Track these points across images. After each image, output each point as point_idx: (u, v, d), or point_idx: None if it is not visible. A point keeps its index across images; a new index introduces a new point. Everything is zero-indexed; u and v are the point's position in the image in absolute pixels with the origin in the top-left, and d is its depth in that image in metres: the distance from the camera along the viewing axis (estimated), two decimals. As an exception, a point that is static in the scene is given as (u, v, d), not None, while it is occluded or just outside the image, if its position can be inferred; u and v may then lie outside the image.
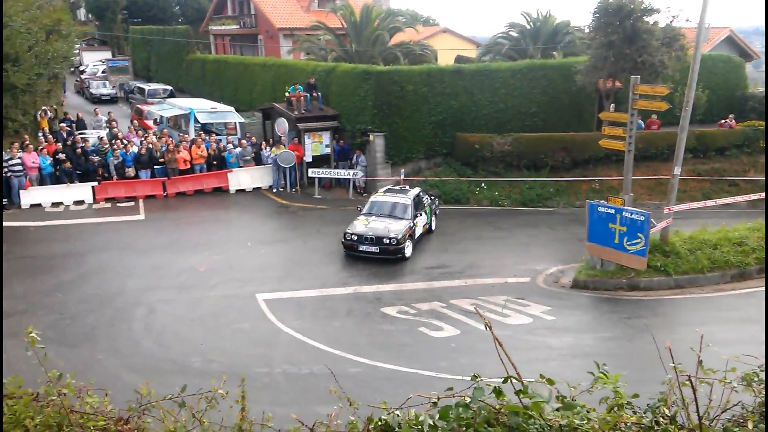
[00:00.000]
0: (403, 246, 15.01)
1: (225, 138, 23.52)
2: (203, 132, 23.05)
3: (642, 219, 12.88)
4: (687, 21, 26.42)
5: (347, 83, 22.55)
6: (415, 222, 15.97)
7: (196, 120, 24.20)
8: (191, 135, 23.13)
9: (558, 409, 2.68)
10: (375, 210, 16.31)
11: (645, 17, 21.16)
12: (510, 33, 32.90)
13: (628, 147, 14.04)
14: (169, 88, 33.37)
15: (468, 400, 2.84)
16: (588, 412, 2.67)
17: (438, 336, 11.04)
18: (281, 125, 22.37)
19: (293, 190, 22.02)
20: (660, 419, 2.59)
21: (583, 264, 14.48)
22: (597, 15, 21.78)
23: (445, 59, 31.57)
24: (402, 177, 21.48)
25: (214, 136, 23.14)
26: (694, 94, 13.74)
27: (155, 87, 33.51)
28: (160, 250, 15.69)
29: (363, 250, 15.05)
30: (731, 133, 23.50)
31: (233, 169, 21.83)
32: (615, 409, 2.70)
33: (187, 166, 21.13)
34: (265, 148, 22.52)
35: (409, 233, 15.44)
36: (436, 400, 2.95)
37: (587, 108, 24.07)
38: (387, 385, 9.01)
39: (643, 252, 12.97)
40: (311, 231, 17.78)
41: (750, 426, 2.61)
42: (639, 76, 14.73)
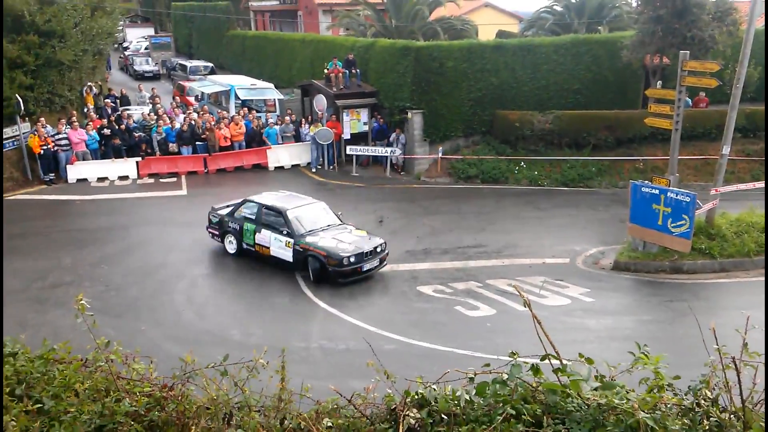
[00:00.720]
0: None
1: (265, 115, 23.72)
2: (242, 108, 23.29)
3: (687, 200, 12.54)
4: (740, -6, 25.29)
5: (386, 59, 22.41)
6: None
7: (236, 96, 24.44)
8: (231, 111, 23.41)
9: (596, 389, 2.66)
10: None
11: (696, -10, 20.35)
12: (554, 7, 32.09)
13: (674, 125, 13.64)
14: (210, 64, 33.74)
15: (505, 376, 2.84)
16: (627, 392, 2.64)
17: (474, 315, 11.03)
18: (320, 102, 22.41)
19: (331, 167, 22.12)
20: (701, 401, 2.55)
21: (625, 246, 14.20)
22: (645, -12, 21.05)
23: (486, 34, 31.00)
24: (440, 155, 21.36)
25: (254, 112, 23.35)
26: (745, 70, 13.20)
27: (196, 64, 33.94)
28: (201, 225, 15.99)
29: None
30: (784, 112, 22.56)
31: (272, 146, 22.03)
32: (655, 390, 2.67)
33: (228, 143, 21.41)
34: (304, 125, 22.63)
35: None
36: (473, 375, 2.96)
37: (633, 85, 23.38)
38: (422, 363, 9.07)
39: (688, 234, 12.65)
40: (348, 208, 17.83)
41: (796, 411, 2.54)
42: (688, 51, 14.22)
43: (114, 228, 15.80)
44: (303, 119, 23.23)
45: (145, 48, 40.98)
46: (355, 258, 12.24)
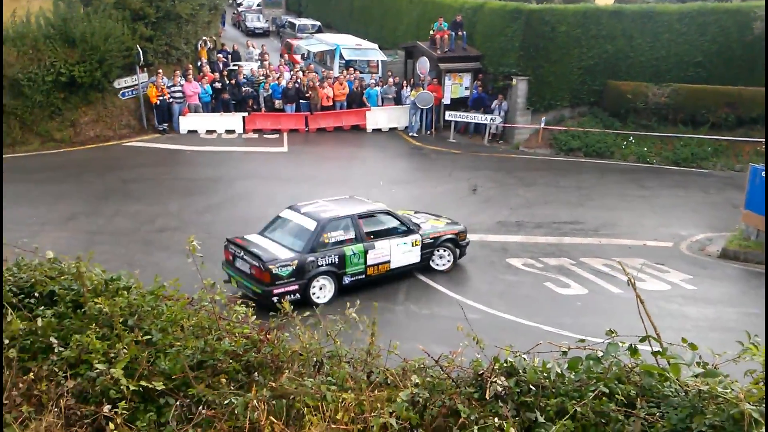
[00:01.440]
0: None
1: (369, 76, 23.79)
2: (346, 69, 23.48)
3: (765, 183, 11.55)
4: None
5: (494, 22, 21.77)
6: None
7: (341, 56, 24.65)
8: (336, 71, 23.66)
9: (697, 375, 2.54)
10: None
11: None
12: (680, -28, 29.81)
13: (807, 106, 12.47)
14: (318, 23, 34.11)
15: (600, 354, 2.78)
16: (731, 382, 2.50)
17: (564, 293, 10.76)
18: (423, 65, 22.17)
19: (428, 132, 21.99)
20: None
21: (736, 233, 13.29)
22: (787, -47, 19.08)
23: None
24: (543, 125, 20.69)
25: (357, 73, 23.48)
26: None
27: (305, 22, 34.40)
28: (299, 181, 16.47)
29: None
30: None
31: (372, 108, 22.15)
32: (762, 383, 2.52)
33: (330, 102, 21.73)
34: (406, 87, 22.54)
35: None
36: (566, 349, 2.91)
37: (762, 60, 21.46)
38: (505, 335, 8.91)
39: (811, 226, 11.66)
40: (443, 174, 17.77)
41: None
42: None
43: (219, 179, 16.59)
44: (405, 82, 23.13)
45: (258, 5, 41.98)
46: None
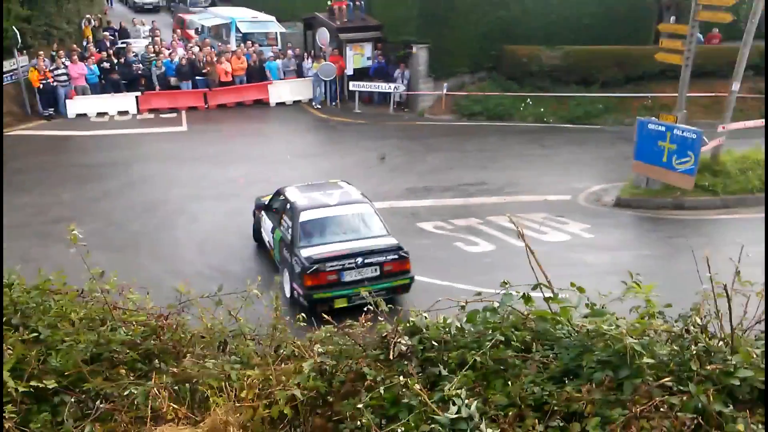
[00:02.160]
0: None
1: (269, 49, 23.16)
2: (244, 42, 22.75)
3: (693, 137, 12.35)
4: None
5: (392, -8, 21.70)
6: None
7: (237, 30, 23.84)
8: (232, 45, 22.88)
9: (586, 316, 2.66)
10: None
11: None
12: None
13: (685, 61, 13.28)
14: (211, -5, 32.81)
15: (496, 305, 2.85)
16: (617, 319, 2.63)
17: (473, 251, 11.07)
18: (323, 36, 21.83)
19: (333, 103, 21.78)
20: (691, 327, 2.54)
21: (628, 183, 14.11)
22: None
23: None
24: (445, 92, 20.97)
25: (256, 46, 22.80)
26: (762, 5, 12.74)
27: (197, -5, 32.98)
28: (201, 161, 15.91)
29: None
30: (799, 49, 21.91)
31: (274, 81, 21.64)
32: (646, 318, 2.66)
33: (229, 78, 21.02)
34: (307, 59, 22.15)
35: None
36: (464, 304, 2.97)
37: (645, 21, 22.60)
38: (422, 296, 9.14)
39: (692, 171, 12.53)
40: (350, 145, 17.70)
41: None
42: (703, -17, 13.69)
43: (114, 164, 15.73)
44: (305, 53, 22.72)
45: (144, -21, 39.73)
46: None
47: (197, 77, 20.86)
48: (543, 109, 20.59)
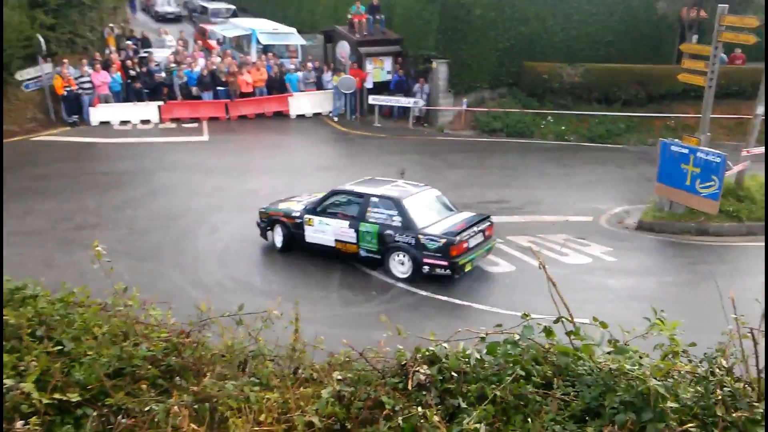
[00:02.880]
0: None
1: (288, 60, 23.39)
2: (264, 54, 22.98)
3: (717, 161, 12.20)
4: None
5: (412, 5, 21.84)
6: None
7: (257, 41, 24.10)
8: (253, 57, 23.12)
9: (609, 353, 2.63)
10: None
11: (740, -62, 19.33)
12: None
13: (708, 82, 13.16)
14: (233, 7, 33.18)
15: (517, 337, 2.84)
16: (640, 357, 2.61)
17: (493, 271, 11.00)
18: (343, 49, 22.01)
19: (353, 117, 21.90)
20: (716, 370, 2.51)
21: (651, 205, 13.96)
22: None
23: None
24: (465, 107, 20.99)
25: (277, 58, 23.04)
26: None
27: (218, 6, 33.36)
28: (223, 171, 16.06)
29: None
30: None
31: (294, 94, 21.82)
32: (669, 357, 2.64)
33: (250, 89, 21.25)
34: (327, 72, 22.31)
35: None
36: (484, 335, 2.96)
37: (667, 39, 22.56)
38: (439, 315, 9.13)
39: (716, 195, 12.37)
40: (369, 159, 17.76)
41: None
42: (727, 5, 13.59)
43: (137, 172, 15.94)
44: (325, 66, 22.89)
45: (168, -12, 40.36)
46: None
47: (219, 88, 21.11)
48: (564, 127, 20.53)
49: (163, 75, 20.92)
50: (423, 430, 2.56)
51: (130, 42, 23.88)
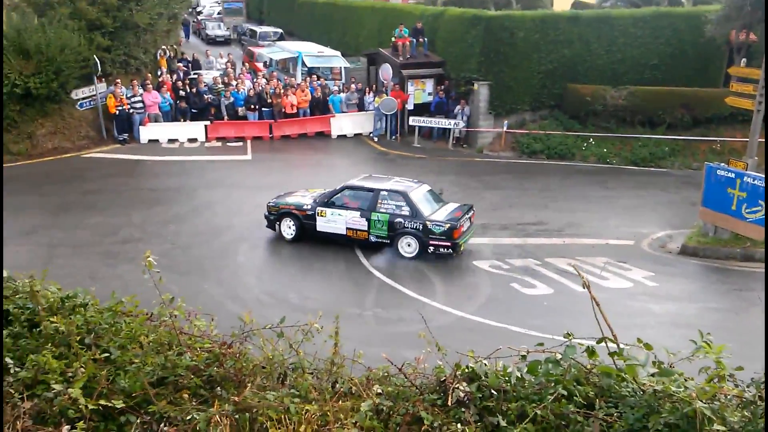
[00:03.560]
0: None
1: (333, 83, 23.78)
2: (309, 76, 23.42)
3: (764, 185, 11.88)
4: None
5: (455, 29, 21.99)
6: None
7: (303, 63, 24.59)
8: (298, 78, 23.58)
9: (653, 375, 2.59)
10: None
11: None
12: (634, -22, 30.61)
13: (757, 106, 12.89)
14: (280, 30, 33.96)
15: (559, 356, 2.81)
16: (686, 380, 2.56)
17: (530, 293, 10.88)
18: (385, 71, 22.27)
19: (393, 137, 22.06)
20: (763, 395, 2.44)
21: (695, 230, 13.63)
22: (734, -42, 19.72)
23: (562, 5, 29.95)
24: (505, 129, 20.94)
25: (322, 80, 23.43)
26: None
27: (266, 29, 34.22)
28: (265, 189, 16.29)
29: None
30: None
31: (336, 114, 22.13)
32: (715, 380, 2.58)
33: (294, 110, 21.65)
34: (369, 94, 22.59)
35: None
36: (525, 353, 2.94)
37: (715, 62, 22.13)
38: (474, 337, 9.05)
39: (762, 221, 12.02)
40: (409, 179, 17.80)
41: None
42: (778, 27, 13.34)
43: (182, 189, 16.35)
44: (367, 88, 23.19)
45: (218, 13, 41.61)
46: None
47: (264, 108, 21.57)
48: (606, 150, 20.27)
49: (211, 96, 21.50)
50: (462, 447, 2.55)
51: (180, 63, 24.64)
